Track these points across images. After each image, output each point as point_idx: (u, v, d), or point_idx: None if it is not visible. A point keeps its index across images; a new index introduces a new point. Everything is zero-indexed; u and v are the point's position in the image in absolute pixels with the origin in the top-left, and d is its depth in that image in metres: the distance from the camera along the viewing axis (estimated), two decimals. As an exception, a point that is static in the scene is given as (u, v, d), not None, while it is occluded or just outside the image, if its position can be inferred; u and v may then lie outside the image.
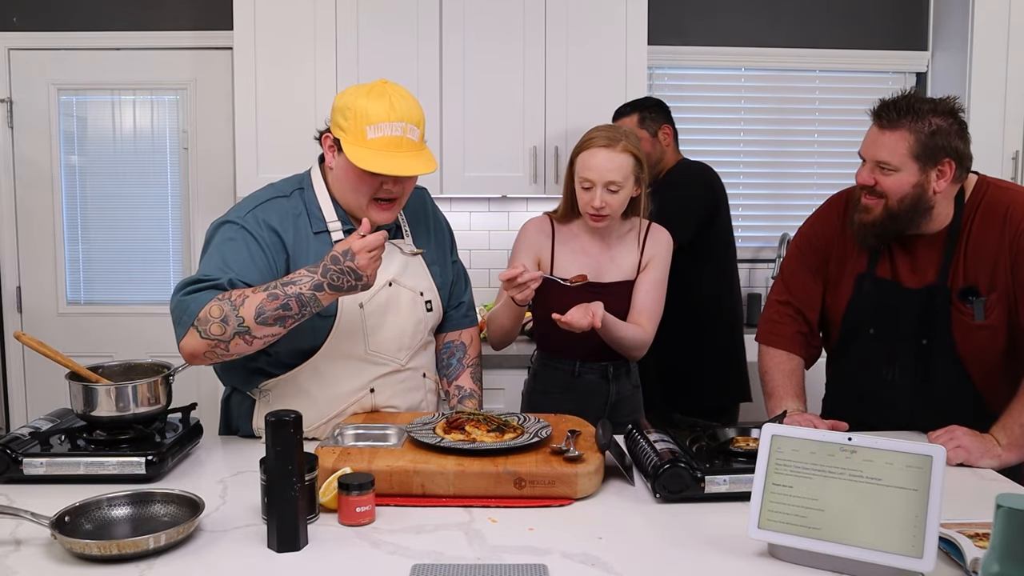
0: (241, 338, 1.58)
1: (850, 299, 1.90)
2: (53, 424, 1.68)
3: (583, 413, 1.95)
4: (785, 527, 1.23)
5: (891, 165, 1.73)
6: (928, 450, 1.20)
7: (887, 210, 1.76)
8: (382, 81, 1.70)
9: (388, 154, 1.64)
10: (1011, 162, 3.38)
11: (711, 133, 3.76)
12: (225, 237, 1.70)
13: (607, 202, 2.02)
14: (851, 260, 1.91)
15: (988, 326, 1.75)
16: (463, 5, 3.19)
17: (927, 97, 1.75)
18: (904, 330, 1.83)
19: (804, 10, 3.69)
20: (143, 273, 3.65)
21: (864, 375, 1.91)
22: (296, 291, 1.58)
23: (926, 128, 1.70)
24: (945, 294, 1.78)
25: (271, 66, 3.16)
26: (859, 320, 1.90)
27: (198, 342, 1.59)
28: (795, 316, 1.98)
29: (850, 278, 1.90)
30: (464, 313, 2.02)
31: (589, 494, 1.48)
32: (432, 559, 1.23)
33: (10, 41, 3.52)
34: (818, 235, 1.97)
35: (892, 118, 1.72)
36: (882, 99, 1.77)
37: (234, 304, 1.57)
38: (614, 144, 2.02)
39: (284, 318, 1.58)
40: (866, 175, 1.77)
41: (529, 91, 3.23)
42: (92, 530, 1.30)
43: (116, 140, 3.61)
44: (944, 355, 1.80)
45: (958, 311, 1.77)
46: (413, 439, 1.56)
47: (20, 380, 3.62)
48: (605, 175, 2.01)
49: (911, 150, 1.71)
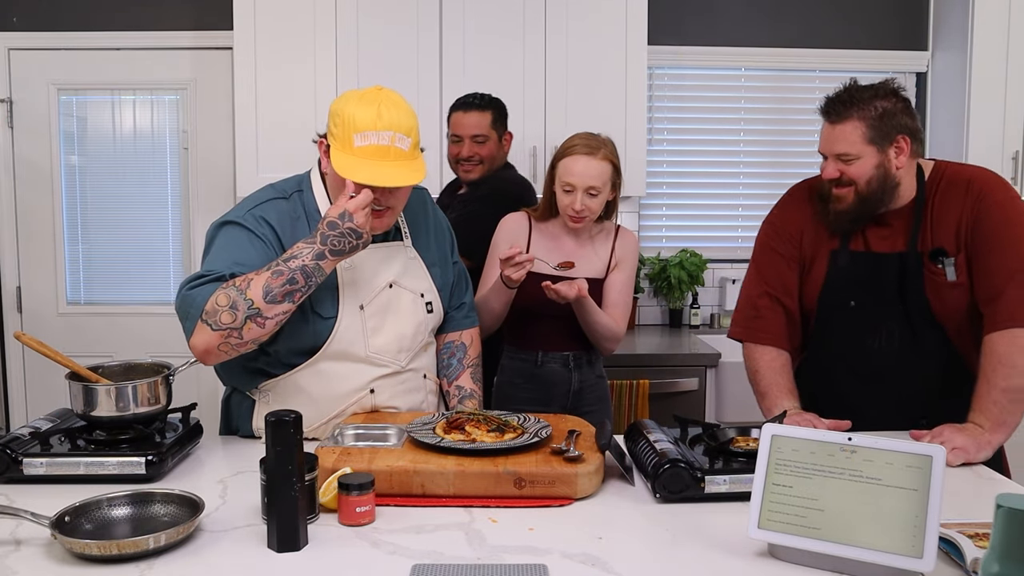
0: (253, 321, 1.57)
1: (826, 275, 1.93)
2: (53, 424, 1.68)
3: (547, 401, 2.21)
4: (785, 527, 1.23)
5: (851, 154, 1.81)
6: (928, 450, 1.20)
7: (858, 195, 1.83)
8: (376, 88, 1.68)
9: (372, 163, 1.62)
10: (1011, 162, 3.39)
11: (711, 133, 3.76)
12: (227, 236, 1.71)
13: (587, 205, 2.16)
14: (824, 240, 1.95)
15: (959, 284, 1.81)
16: (463, 6, 3.19)
17: (867, 85, 1.83)
18: (886, 295, 1.88)
19: (804, 10, 3.69)
20: (143, 273, 3.65)
21: (849, 351, 1.92)
22: (299, 264, 1.59)
23: (874, 112, 1.79)
24: (917, 257, 1.84)
25: (271, 66, 3.17)
26: (838, 294, 1.92)
27: (210, 335, 1.58)
28: (775, 306, 1.97)
29: (824, 257, 1.94)
30: (465, 314, 2.02)
31: (589, 494, 1.48)
32: (432, 559, 1.23)
33: (10, 41, 3.52)
34: (787, 222, 2.00)
35: (840, 111, 1.81)
36: (827, 96, 1.85)
37: (239, 289, 1.57)
38: (595, 152, 2.15)
39: (292, 292, 1.59)
40: (831, 169, 1.84)
41: (529, 91, 3.23)
42: (92, 530, 1.29)
43: (116, 140, 3.61)
44: (921, 317, 1.85)
45: (930, 272, 1.83)
46: (413, 439, 1.56)
47: (20, 380, 3.63)
48: (586, 181, 2.14)
49: (865, 136, 1.79)
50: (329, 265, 1.62)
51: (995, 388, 1.71)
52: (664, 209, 3.81)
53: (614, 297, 2.26)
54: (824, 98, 1.86)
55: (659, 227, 3.82)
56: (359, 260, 1.75)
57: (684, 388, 3.10)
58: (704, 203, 3.87)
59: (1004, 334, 1.73)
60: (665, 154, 3.76)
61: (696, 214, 3.86)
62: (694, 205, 3.82)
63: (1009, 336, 1.73)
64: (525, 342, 2.32)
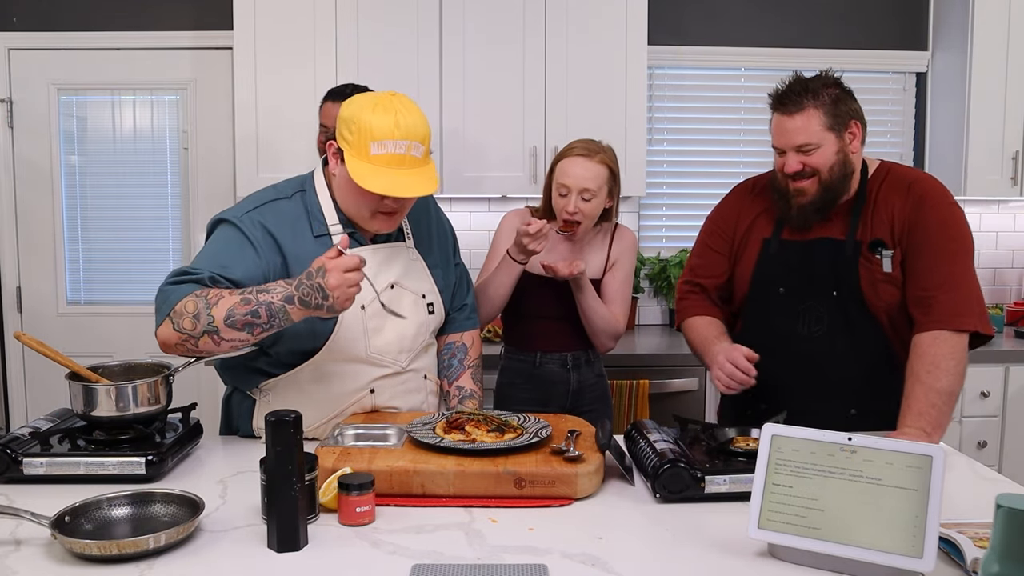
0: (210, 337, 1.57)
1: (756, 262, 1.96)
2: (53, 424, 1.68)
3: (547, 401, 2.23)
4: (785, 527, 1.23)
5: (812, 144, 1.82)
6: (928, 450, 1.20)
7: (821, 184, 1.84)
8: (390, 93, 1.68)
9: (389, 172, 1.62)
10: (1011, 162, 3.39)
11: (711, 133, 3.76)
12: (220, 235, 1.71)
13: (580, 208, 2.17)
14: (758, 229, 1.98)
15: (893, 278, 1.83)
16: (463, 6, 3.19)
17: (811, 76, 1.87)
18: (815, 283, 1.89)
19: (804, 10, 3.69)
20: (143, 273, 3.65)
21: (780, 337, 1.93)
22: (268, 299, 1.55)
23: (827, 99, 1.82)
24: (855, 246, 1.86)
25: (271, 66, 3.17)
26: (768, 281, 1.95)
27: (171, 332, 1.59)
28: (696, 290, 2.06)
29: (756, 244, 1.97)
30: (467, 315, 2.03)
31: (589, 494, 1.48)
32: (432, 559, 1.23)
33: (10, 41, 3.52)
34: (723, 217, 2.06)
35: (796, 102, 1.83)
36: (776, 90, 1.88)
37: (208, 303, 1.57)
38: (592, 155, 2.18)
39: (252, 325, 1.55)
40: (792, 163, 1.84)
41: (529, 91, 3.23)
42: (92, 530, 1.30)
43: (116, 140, 3.61)
44: (855, 305, 1.86)
45: (866, 261, 1.85)
46: (413, 439, 1.56)
47: (20, 380, 3.63)
48: (581, 183, 2.15)
49: (824, 123, 1.82)
50: (297, 313, 1.55)
51: (931, 390, 1.72)
52: (664, 209, 3.81)
53: (611, 293, 2.28)
54: (774, 91, 1.88)
55: (659, 227, 3.82)
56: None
57: (684, 388, 3.10)
58: (704, 203, 3.82)
59: (936, 335, 1.76)
60: (665, 154, 3.76)
61: (696, 214, 3.85)
62: (694, 205, 3.82)
63: (940, 337, 1.75)
64: (524, 343, 2.34)
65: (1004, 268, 3.85)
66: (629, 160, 3.26)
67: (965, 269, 1.81)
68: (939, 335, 1.75)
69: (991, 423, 3.20)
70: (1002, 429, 3.21)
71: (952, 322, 1.76)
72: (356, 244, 1.77)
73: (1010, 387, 3.18)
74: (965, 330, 1.77)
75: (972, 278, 1.81)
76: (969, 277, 1.81)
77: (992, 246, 3.83)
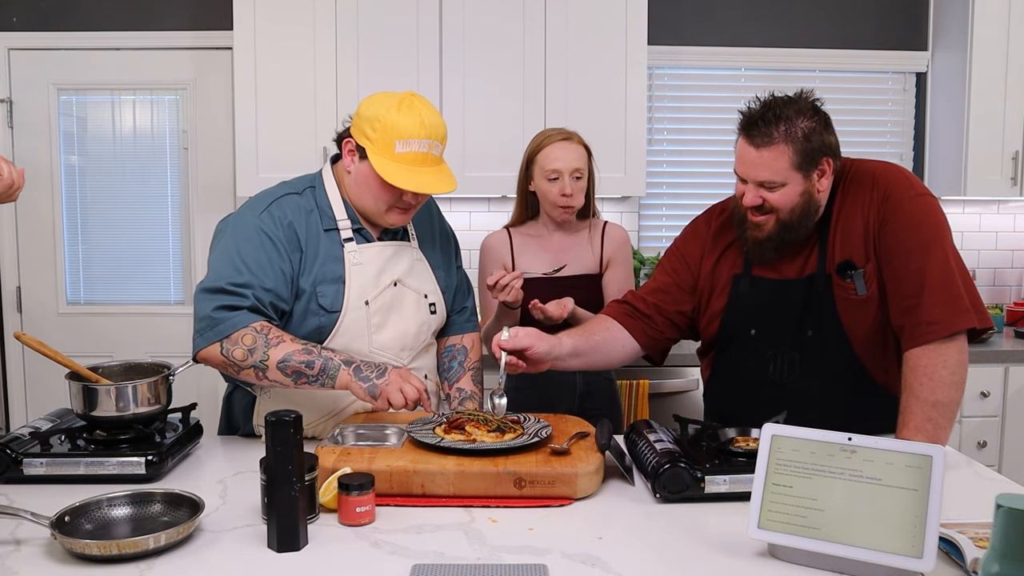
0: (255, 371, 1.64)
1: (727, 302, 1.82)
2: (53, 424, 1.68)
3: (554, 405, 2.19)
4: (785, 527, 1.23)
5: (775, 182, 1.66)
6: (928, 450, 1.20)
7: (779, 223, 1.70)
8: (410, 94, 1.73)
9: (414, 169, 1.69)
10: (1011, 162, 3.39)
11: (711, 133, 3.76)
12: (242, 236, 1.71)
13: (575, 189, 2.21)
14: (727, 263, 1.84)
15: (870, 298, 1.70)
16: (463, 6, 3.19)
17: (785, 97, 1.68)
18: (788, 325, 1.76)
19: (804, 10, 3.69)
20: (143, 273, 3.65)
21: (751, 378, 1.81)
22: (328, 355, 1.64)
23: (799, 135, 1.64)
24: (826, 279, 1.72)
25: (271, 66, 3.17)
26: (738, 322, 1.81)
27: (217, 356, 1.64)
28: (638, 312, 1.90)
29: (725, 279, 1.84)
30: (467, 318, 2.04)
31: (589, 494, 1.48)
32: (432, 559, 1.23)
33: (10, 41, 3.52)
34: (691, 253, 1.91)
35: (766, 133, 1.64)
36: (746, 112, 1.69)
37: (268, 342, 1.63)
38: (571, 137, 2.25)
39: (300, 374, 1.63)
40: (751, 197, 1.69)
41: (529, 91, 3.23)
42: (92, 530, 1.30)
43: (116, 140, 3.61)
44: (833, 340, 1.73)
45: (840, 288, 1.71)
46: (413, 439, 1.56)
47: (20, 380, 3.63)
48: (571, 163, 2.21)
49: (792, 162, 1.64)
50: (344, 377, 1.63)
51: (927, 404, 1.60)
52: (664, 209, 3.81)
53: (616, 293, 2.26)
54: (744, 114, 1.69)
55: (659, 227, 3.81)
56: (367, 256, 1.78)
57: (684, 388, 3.09)
58: (704, 203, 3.76)
59: (927, 348, 1.62)
60: (665, 154, 3.76)
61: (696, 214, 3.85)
62: (694, 205, 3.80)
63: (933, 347, 1.62)
64: None
65: (1004, 268, 3.84)
66: (629, 160, 3.26)
67: (944, 261, 1.65)
68: (931, 345, 1.62)
69: (991, 423, 3.20)
70: (1002, 429, 3.21)
71: (943, 327, 1.62)
72: (363, 241, 1.80)
73: (1010, 387, 3.18)
74: (960, 331, 1.63)
75: (953, 269, 1.65)
76: (949, 269, 1.65)
77: (992, 246, 3.83)
